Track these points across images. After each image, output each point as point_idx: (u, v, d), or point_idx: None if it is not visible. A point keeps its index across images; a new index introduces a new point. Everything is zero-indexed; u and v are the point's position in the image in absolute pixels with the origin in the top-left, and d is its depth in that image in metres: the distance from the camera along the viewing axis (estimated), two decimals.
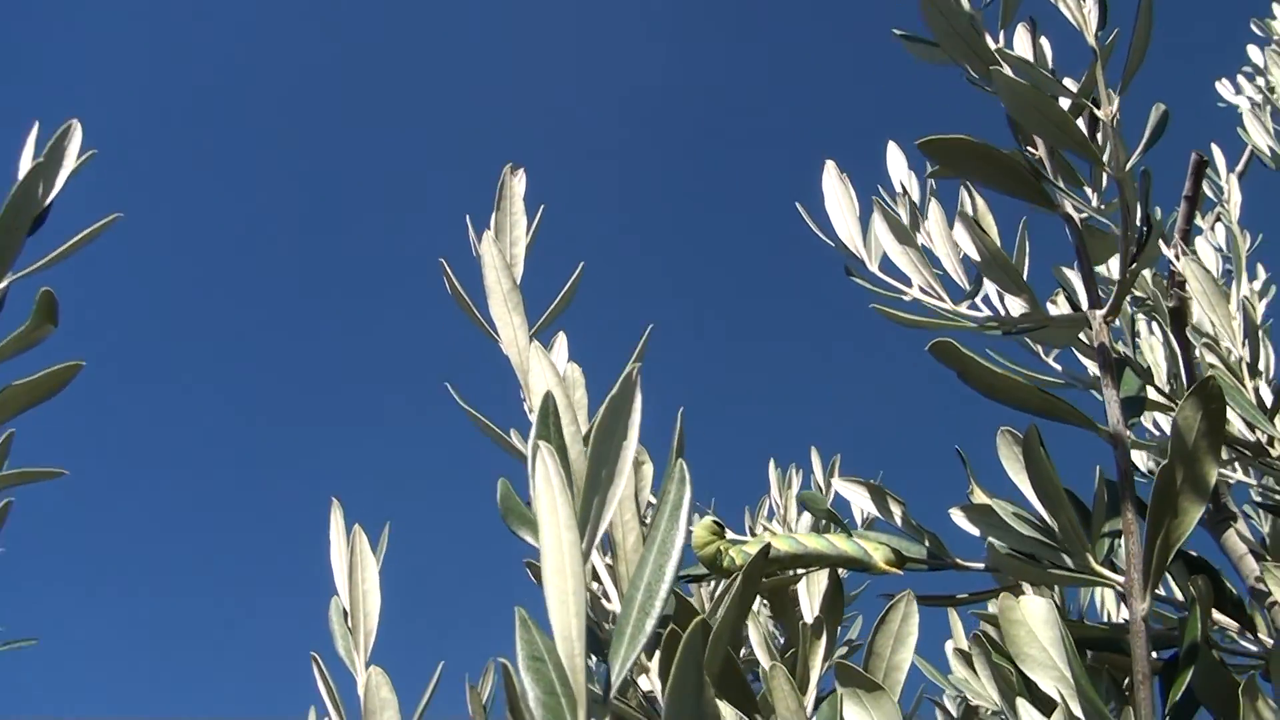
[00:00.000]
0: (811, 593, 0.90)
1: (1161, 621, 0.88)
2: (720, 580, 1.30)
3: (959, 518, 0.82)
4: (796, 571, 0.89)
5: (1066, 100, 0.68)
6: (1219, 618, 0.75)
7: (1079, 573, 0.65)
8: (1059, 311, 0.77)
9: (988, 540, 0.68)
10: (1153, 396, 1.01)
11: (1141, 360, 1.04)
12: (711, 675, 0.60)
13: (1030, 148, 0.73)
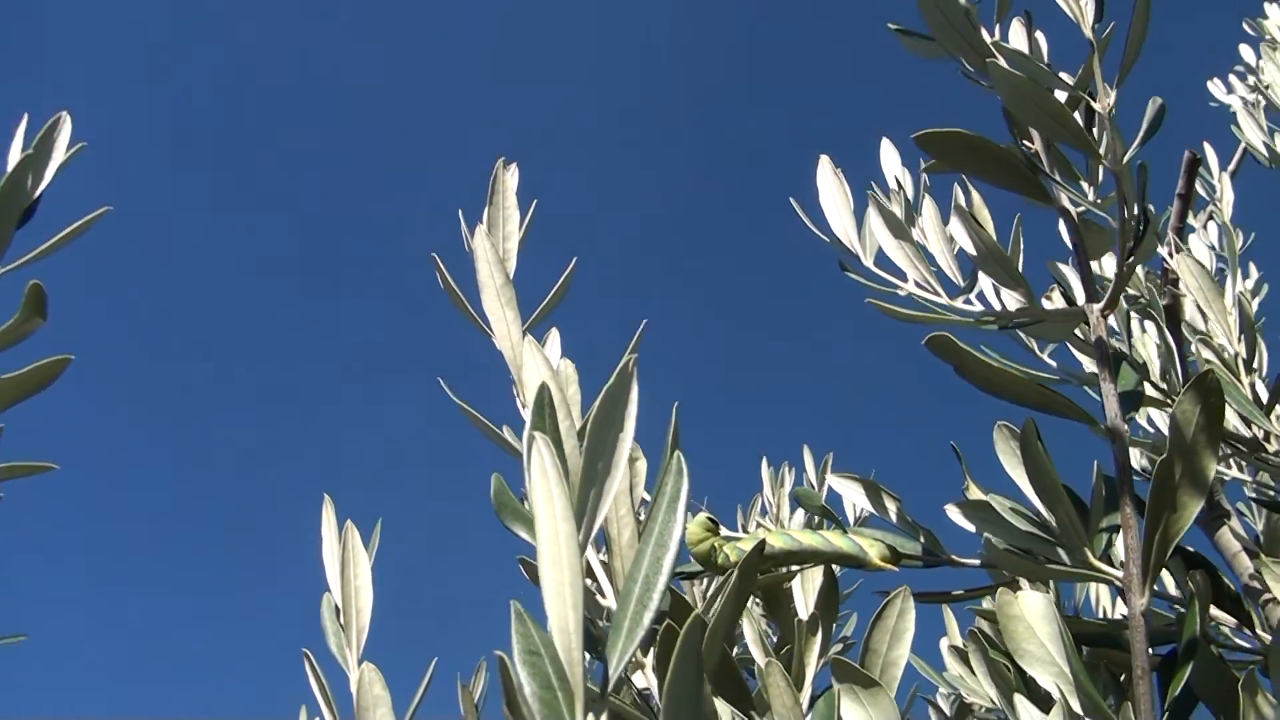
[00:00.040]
0: (806, 590, 0.90)
1: (1153, 619, 0.88)
2: (713, 578, 1.30)
3: (955, 514, 0.81)
4: (791, 568, 0.88)
5: (1063, 94, 0.67)
6: (1216, 613, 0.75)
7: (1077, 568, 0.65)
8: (1054, 307, 0.77)
9: (985, 536, 0.68)
10: (1148, 392, 1.01)
11: (1136, 356, 1.04)
12: (708, 672, 0.59)
13: (1026, 142, 0.73)
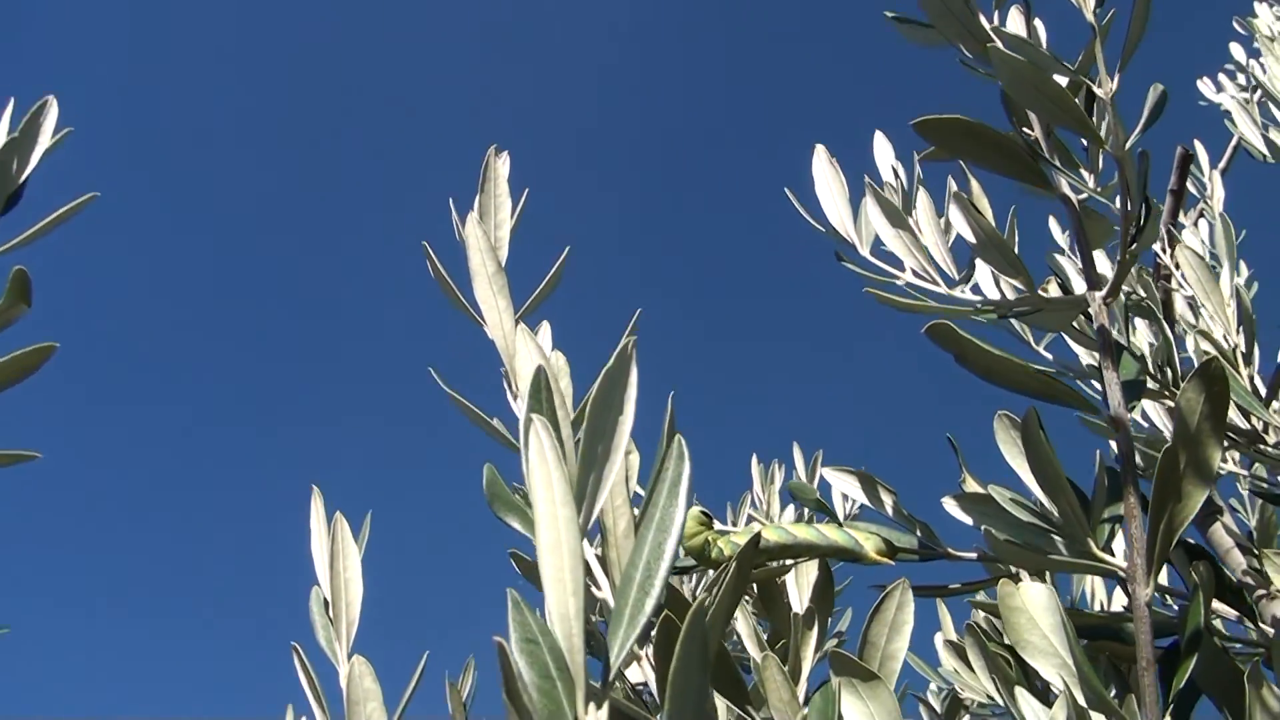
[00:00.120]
0: (801, 584, 0.89)
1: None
2: (703, 575, 1.29)
3: (951, 506, 0.80)
4: (785, 563, 0.88)
5: (1063, 79, 0.67)
6: (1217, 606, 0.74)
7: (1080, 559, 0.64)
8: (1054, 296, 0.76)
9: (985, 528, 0.67)
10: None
11: (1134, 349, 1.03)
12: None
13: (1026, 129, 0.72)
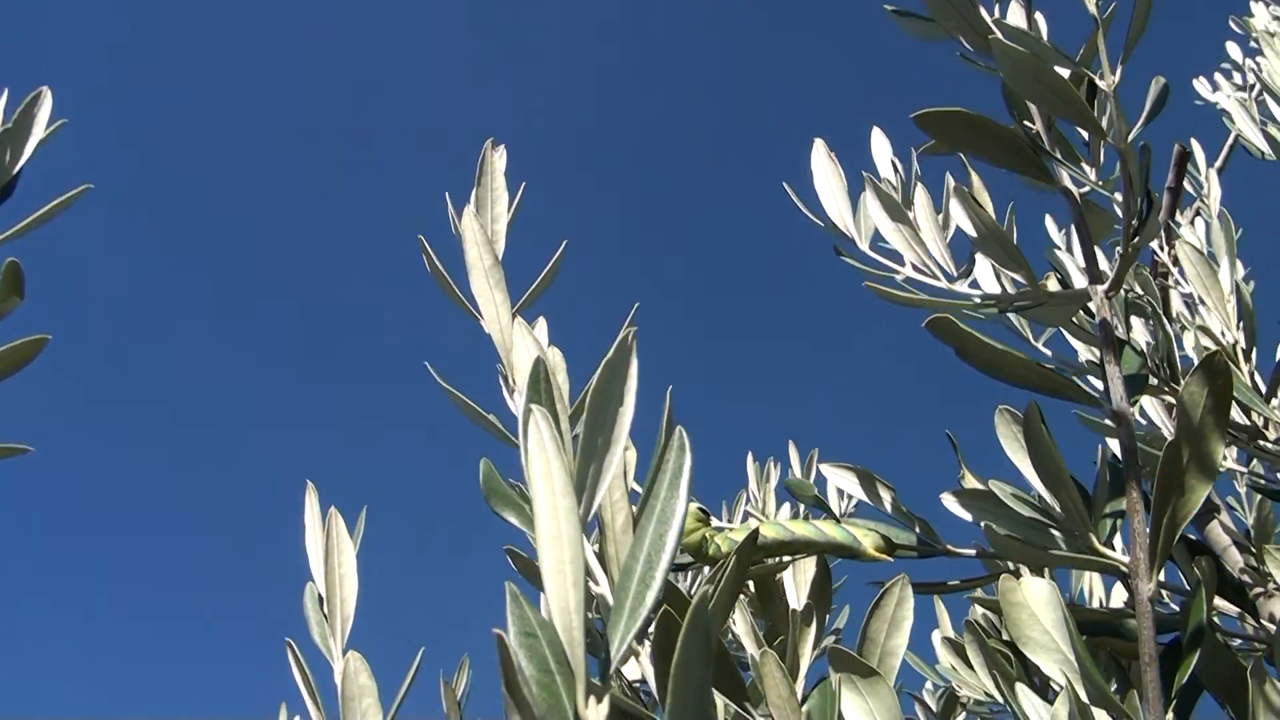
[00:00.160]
0: (798, 582, 0.88)
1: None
2: (699, 573, 1.28)
3: (951, 502, 0.80)
4: (783, 559, 0.87)
5: (1065, 72, 0.66)
6: (1218, 603, 0.74)
7: (1082, 554, 0.64)
8: (1056, 290, 0.75)
9: (985, 524, 0.66)
10: None
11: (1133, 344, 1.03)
12: None
13: (1027, 122, 0.72)
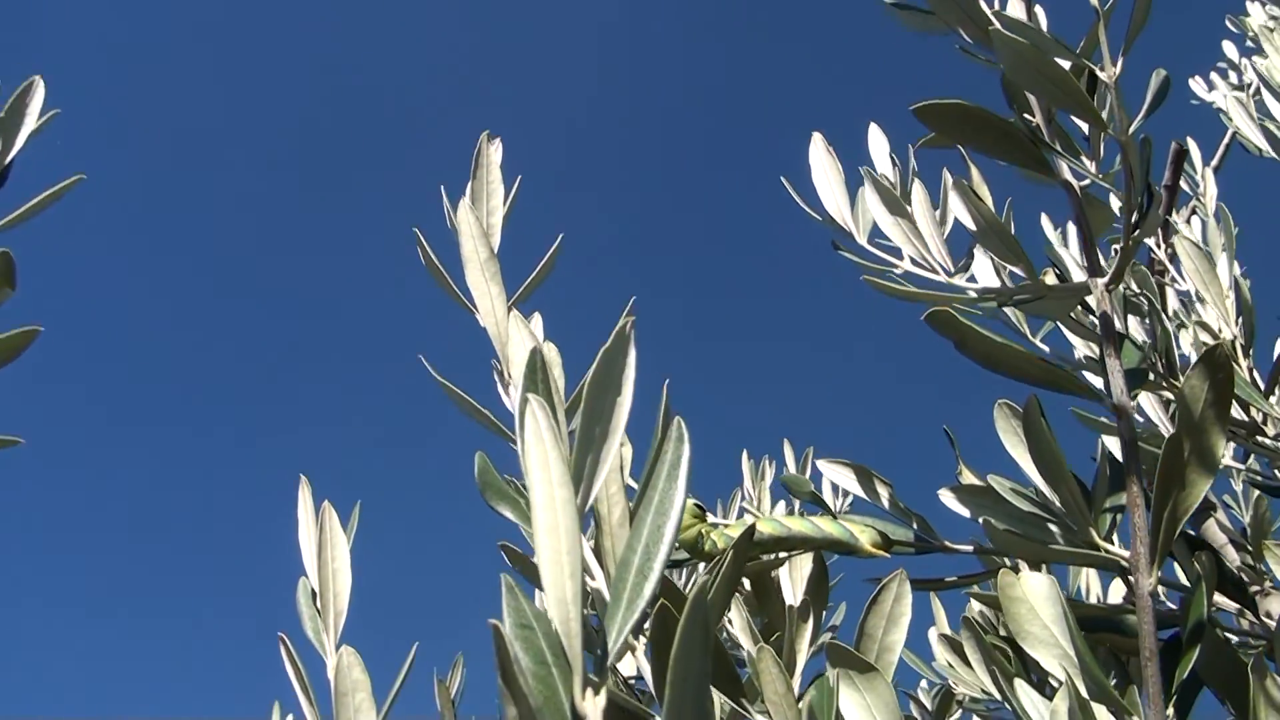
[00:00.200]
0: (795, 578, 0.88)
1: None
2: (693, 571, 1.28)
3: (948, 498, 0.79)
4: (779, 556, 0.87)
5: (1066, 64, 0.65)
6: (1218, 598, 0.74)
7: (1082, 549, 0.63)
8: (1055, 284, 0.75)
9: (984, 519, 0.66)
10: None
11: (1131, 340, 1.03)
12: None
13: (1026, 115, 0.71)
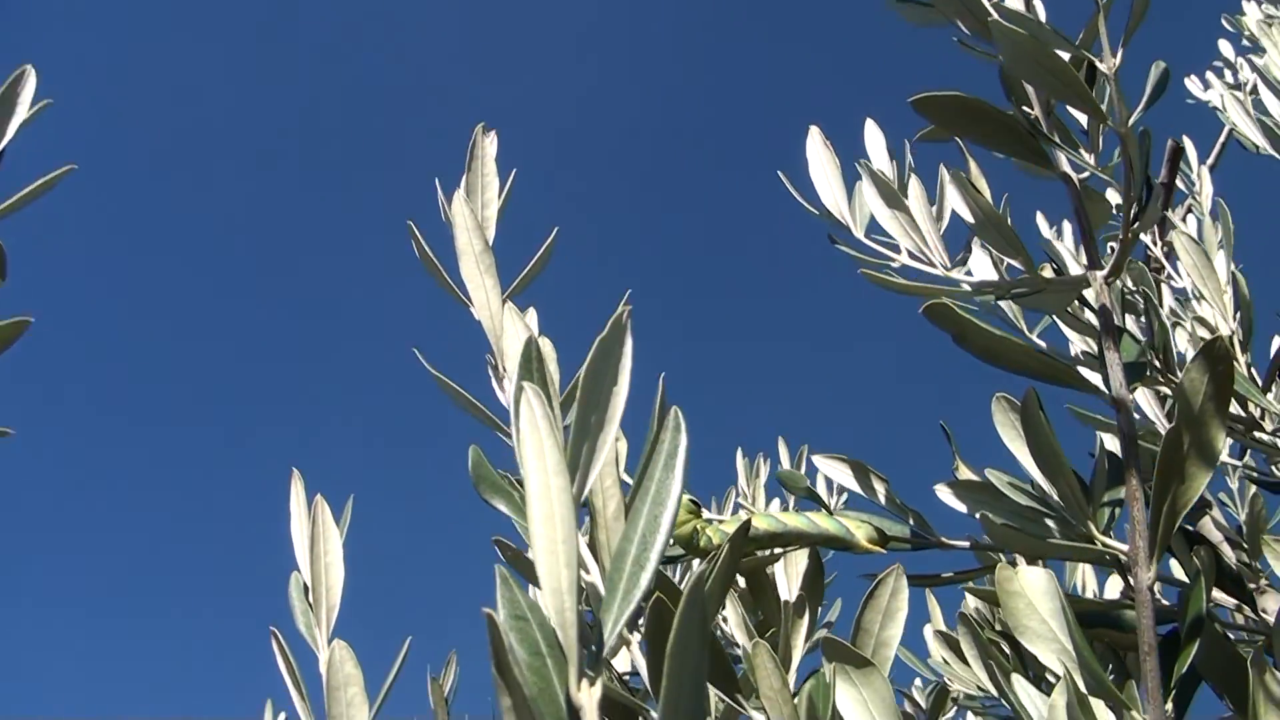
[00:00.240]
0: (790, 574, 0.87)
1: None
2: (689, 566, 1.27)
3: (945, 494, 0.79)
4: (774, 551, 0.86)
5: (1065, 55, 0.65)
6: (1215, 594, 0.73)
7: (1080, 543, 0.63)
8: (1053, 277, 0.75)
9: (982, 513, 0.65)
10: None
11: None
12: None
13: (1025, 107, 0.71)
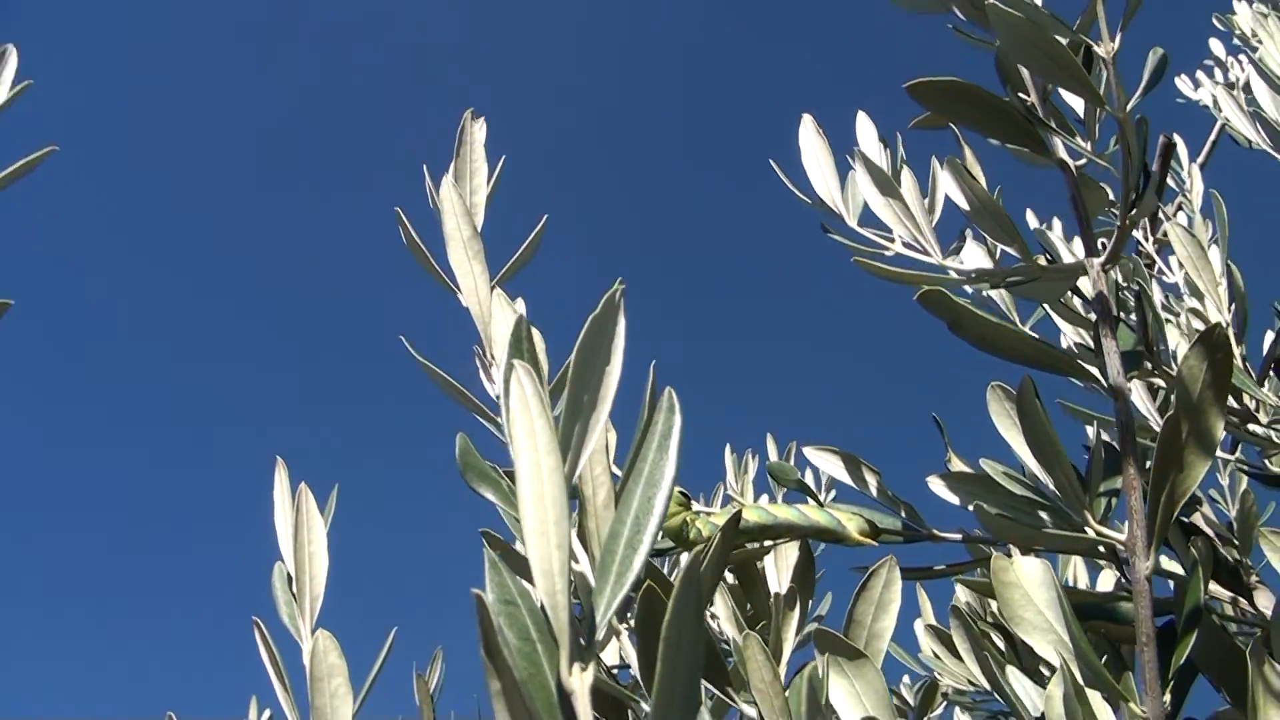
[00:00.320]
0: (780, 567, 0.87)
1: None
2: (678, 560, 1.26)
3: (937, 486, 0.78)
4: (765, 544, 0.85)
5: (1063, 40, 0.64)
6: (1211, 587, 0.73)
7: (1076, 532, 0.62)
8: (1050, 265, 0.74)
9: (976, 504, 0.64)
10: None
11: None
12: None
13: (1021, 94, 0.70)
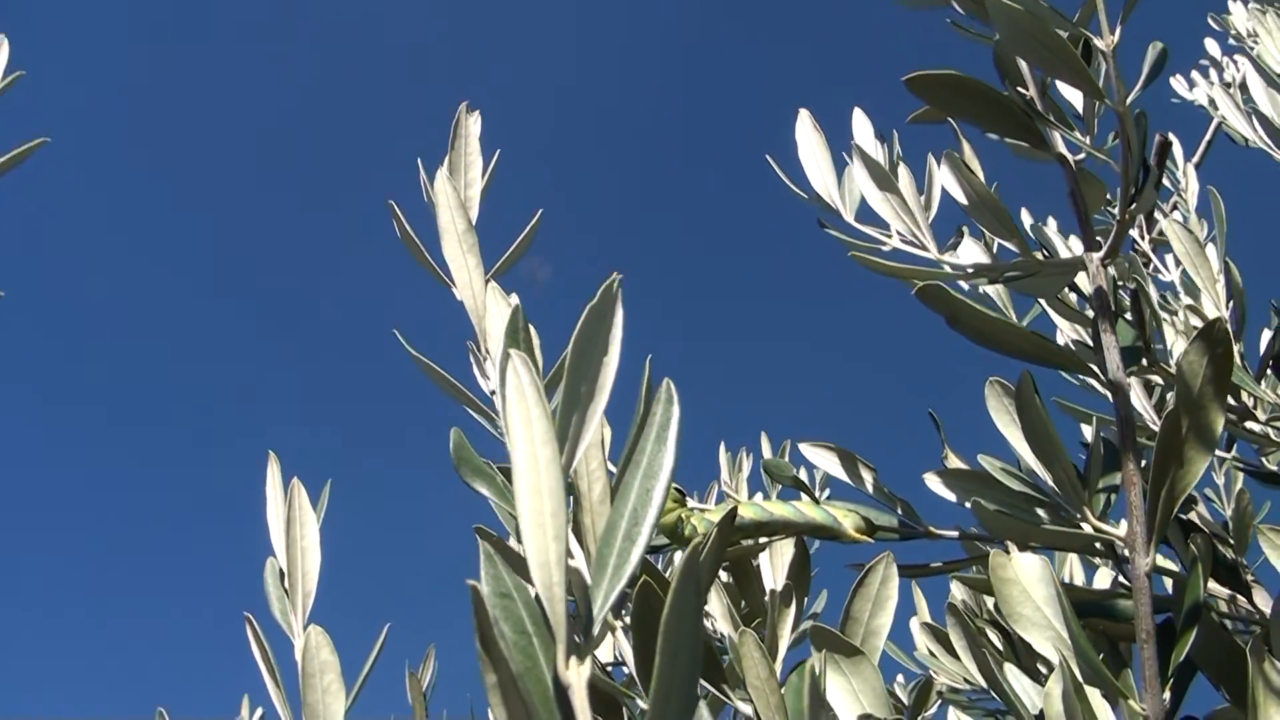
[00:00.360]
0: (776, 564, 0.86)
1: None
2: (671, 557, 1.26)
3: (934, 483, 0.78)
4: (760, 541, 0.85)
5: (1063, 33, 0.64)
6: (1210, 584, 0.72)
7: (1075, 529, 0.62)
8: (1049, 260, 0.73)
9: (973, 500, 0.64)
10: None
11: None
12: None
13: (1020, 89, 0.70)
